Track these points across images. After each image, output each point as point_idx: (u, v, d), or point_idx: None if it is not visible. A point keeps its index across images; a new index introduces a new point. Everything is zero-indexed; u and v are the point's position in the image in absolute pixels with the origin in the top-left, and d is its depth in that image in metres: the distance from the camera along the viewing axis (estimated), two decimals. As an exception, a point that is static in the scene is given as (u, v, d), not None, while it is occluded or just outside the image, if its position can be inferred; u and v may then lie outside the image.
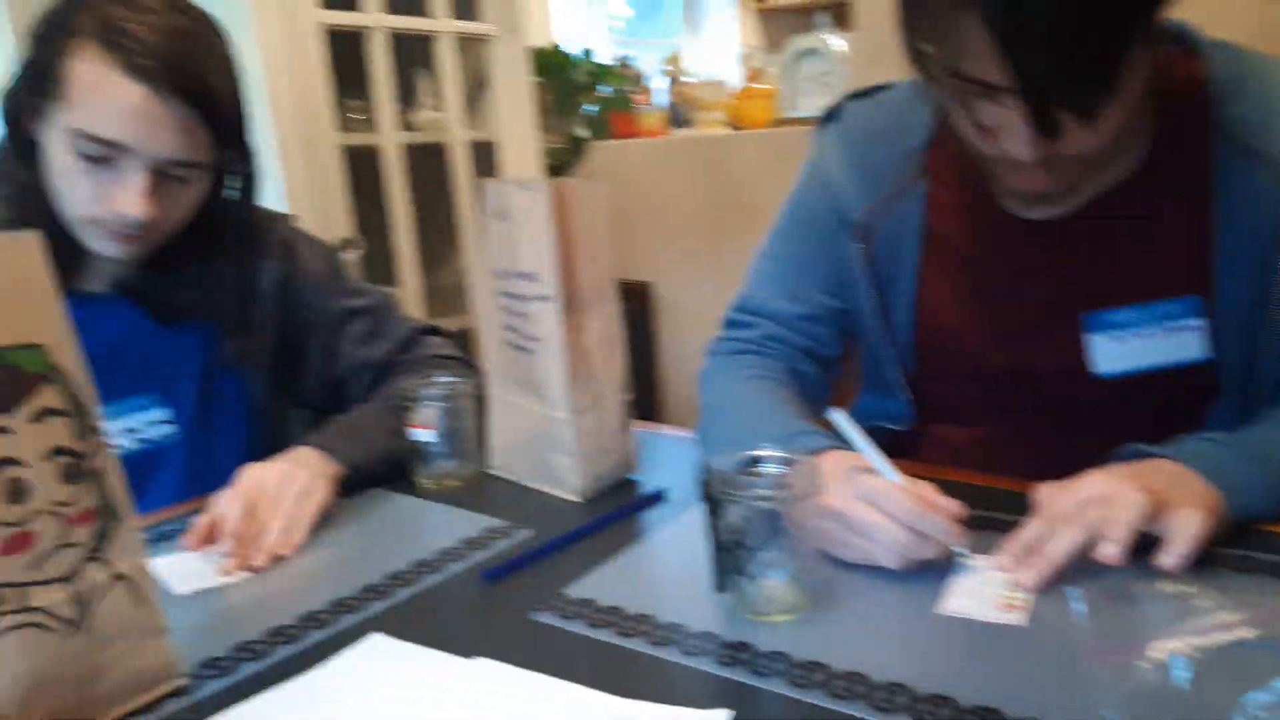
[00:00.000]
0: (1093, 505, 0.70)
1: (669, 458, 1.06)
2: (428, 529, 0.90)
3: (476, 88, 2.38)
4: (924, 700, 0.57)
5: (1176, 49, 0.86)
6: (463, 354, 1.18)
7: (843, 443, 0.78)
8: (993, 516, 0.81)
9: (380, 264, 2.15)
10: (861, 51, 2.21)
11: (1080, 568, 0.69)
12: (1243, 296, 0.84)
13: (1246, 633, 0.49)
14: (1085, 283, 0.89)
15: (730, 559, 0.69)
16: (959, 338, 0.95)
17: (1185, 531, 0.68)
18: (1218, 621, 0.50)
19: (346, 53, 2.05)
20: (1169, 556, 0.67)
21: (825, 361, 1.05)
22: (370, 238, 2.11)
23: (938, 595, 0.69)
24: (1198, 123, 0.84)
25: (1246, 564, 0.70)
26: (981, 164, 0.86)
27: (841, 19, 3.38)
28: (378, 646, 0.68)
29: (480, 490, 0.99)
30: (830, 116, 1.03)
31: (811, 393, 1.01)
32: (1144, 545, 0.68)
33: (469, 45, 2.32)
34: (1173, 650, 0.49)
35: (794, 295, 1.03)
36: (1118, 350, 0.88)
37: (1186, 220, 0.85)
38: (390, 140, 2.15)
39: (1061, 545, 0.69)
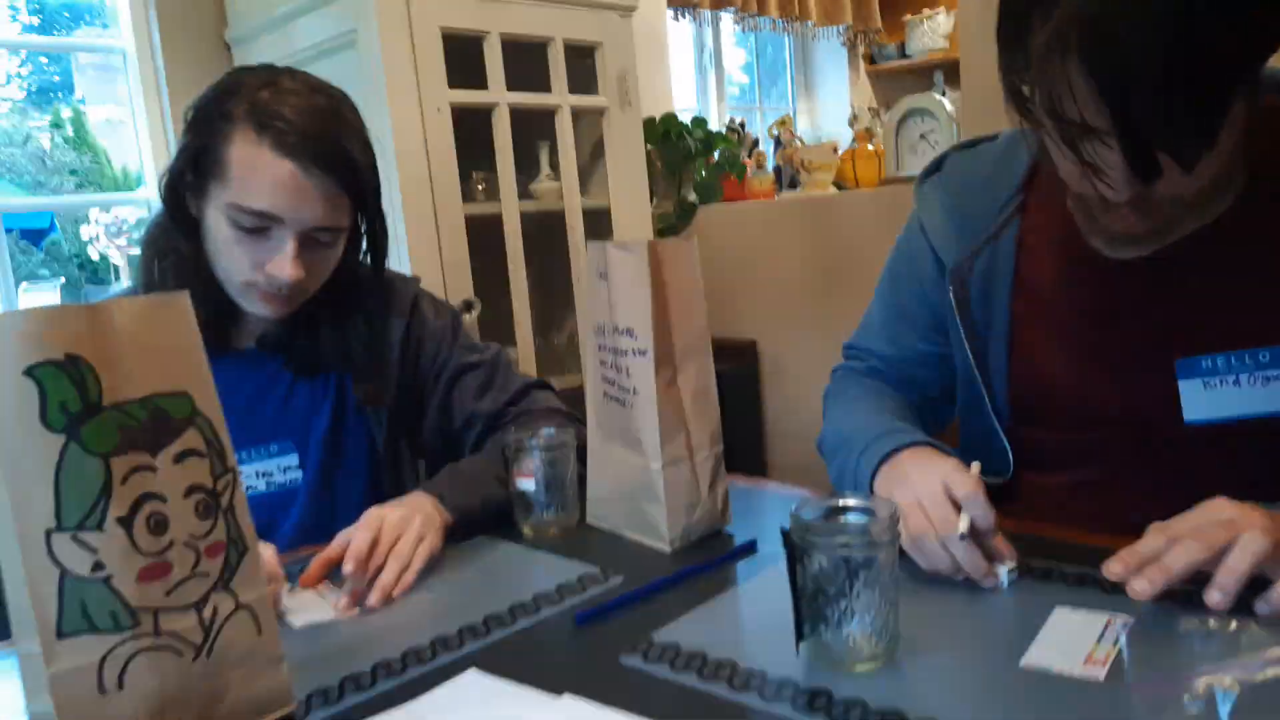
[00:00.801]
0: (1219, 527, 0.68)
1: (767, 511, 1.07)
2: (525, 574, 0.94)
3: (592, 157, 2.49)
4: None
5: (1277, 96, 0.84)
6: (569, 408, 1.23)
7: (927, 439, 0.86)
8: (1091, 574, 0.79)
9: (497, 325, 2.25)
10: (969, 109, 2.21)
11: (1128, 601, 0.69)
12: None
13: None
14: (1176, 327, 0.87)
15: (812, 607, 0.70)
16: (1052, 382, 0.94)
17: None
18: (1267, 657, 0.49)
19: (472, 127, 2.19)
20: (1266, 604, 0.66)
21: (931, 400, 1.08)
22: (489, 300, 2.21)
23: (1024, 646, 0.69)
24: None
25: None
26: (1073, 203, 0.86)
27: (952, 78, 3.37)
28: (473, 681, 0.72)
29: (578, 538, 1.02)
30: (933, 168, 1.06)
31: (921, 417, 1.03)
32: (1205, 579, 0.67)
33: (586, 117, 2.43)
34: (1217, 684, 0.48)
35: (892, 340, 1.08)
36: (1209, 398, 0.85)
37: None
38: (510, 209, 2.27)
39: (1182, 556, 0.68)
